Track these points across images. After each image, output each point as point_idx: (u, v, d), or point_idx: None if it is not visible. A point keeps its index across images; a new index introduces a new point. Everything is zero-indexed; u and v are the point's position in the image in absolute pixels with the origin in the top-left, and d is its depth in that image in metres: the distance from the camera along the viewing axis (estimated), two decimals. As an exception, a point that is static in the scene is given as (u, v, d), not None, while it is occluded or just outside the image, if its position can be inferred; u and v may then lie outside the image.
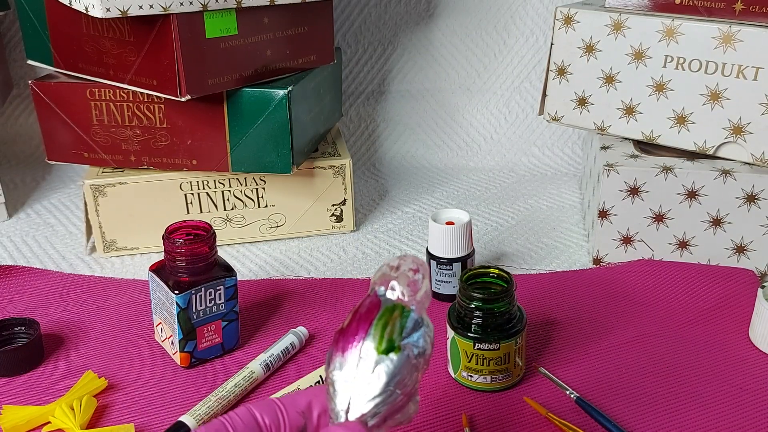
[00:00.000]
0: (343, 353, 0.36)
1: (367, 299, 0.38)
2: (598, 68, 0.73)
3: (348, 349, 0.36)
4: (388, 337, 0.36)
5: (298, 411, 0.38)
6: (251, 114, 0.69)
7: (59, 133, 0.73)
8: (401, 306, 0.38)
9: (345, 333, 0.37)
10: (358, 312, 0.38)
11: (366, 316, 0.37)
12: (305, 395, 0.39)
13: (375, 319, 0.37)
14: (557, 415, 0.51)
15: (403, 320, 0.37)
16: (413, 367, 0.37)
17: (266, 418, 0.37)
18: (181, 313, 0.54)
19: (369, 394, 0.35)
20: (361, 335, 0.37)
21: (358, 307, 0.38)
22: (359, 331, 0.37)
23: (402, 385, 0.36)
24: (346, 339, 0.37)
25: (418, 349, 0.37)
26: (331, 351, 0.37)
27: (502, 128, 1.00)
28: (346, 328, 0.37)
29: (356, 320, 0.37)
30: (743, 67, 0.65)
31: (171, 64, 0.63)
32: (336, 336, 0.38)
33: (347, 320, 0.38)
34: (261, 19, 0.69)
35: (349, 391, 0.36)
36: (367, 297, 0.39)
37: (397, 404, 0.36)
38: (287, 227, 0.78)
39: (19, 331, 0.59)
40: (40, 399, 0.54)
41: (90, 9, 0.60)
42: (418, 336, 0.37)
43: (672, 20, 0.67)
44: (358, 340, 0.36)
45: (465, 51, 0.99)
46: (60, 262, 0.74)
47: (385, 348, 0.36)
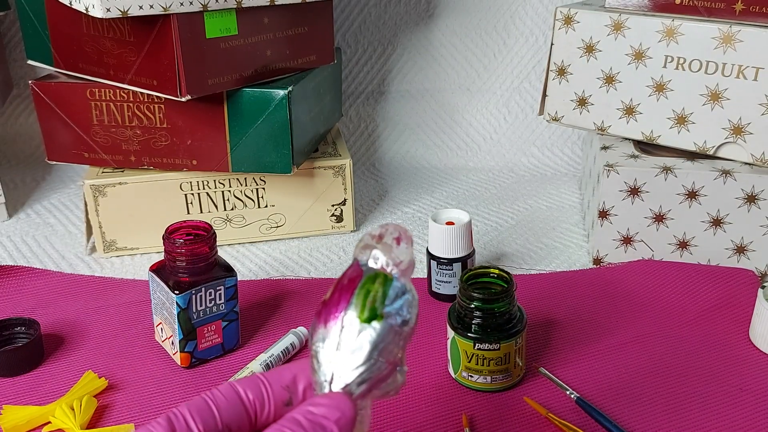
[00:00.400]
0: (325, 324, 0.36)
1: (349, 269, 0.38)
2: (598, 68, 0.73)
3: (330, 320, 0.36)
4: (370, 305, 0.36)
5: (282, 385, 0.37)
6: (251, 114, 0.69)
7: (59, 133, 0.73)
8: (383, 274, 0.37)
9: (327, 304, 0.37)
10: (340, 283, 0.37)
11: (348, 286, 0.37)
12: (290, 369, 0.38)
13: (357, 288, 0.36)
14: (557, 415, 0.51)
15: (386, 288, 0.37)
16: (397, 335, 0.36)
17: (250, 393, 0.36)
18: (182, 313, 0.54)
19: (352, 364, 0.35)
20: (343, 305, 0.36)
21: (340, 278, 0.38)
22: (341, 301, 0.36)
23: (386, 353, 0.36)
24: (329, 310, 0.36)
25: (402, 317, 0.36)
26: (314, 323, 0.37)
27: (502, 128, 1.00)
28: (329, 300, 0.37)
29: (338, 291, 0.37)
30: (743, 67, 0.65)
31: (171, 64, 0.63)
32: (318, 308, 0.37)
33: (329, 292, 0.37)
34: (261, 19, 0.69)
35: (333, 361, 0.35)
36: (349, 267, 0.38)
37: (382, 373, 0.36)
38: (287, 227, 0.78)
39: (19, 331, 0.59)
40: (41, 399, 0.54)
41: (90, 9, 0.60)
42: (401, 304, 0.37)
43: (672, 20, 0.67)
44: (341, 310, 0.36)
45: (465, 51, 0.99)
46: (60, 262, 0.74)
47: (368, 316, 0.36)
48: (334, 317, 0.36)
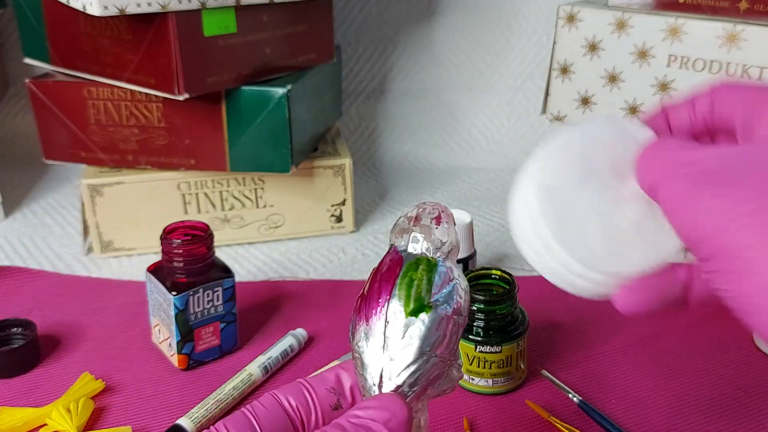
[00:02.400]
0: (367, 321, 0.32)
1: (387, 257, 0.34)
2: (601, 67, 0.72)
3: (372, 316, 0.32)
4: (415, 295, 0.32)
5: (327, 388, 0.34)
6: (250, 113, 0.69)
7: (56, 133, 0.72)
8: (426, 259, 0.33)
9: (367, 298, 0.33)
10: (378, 272, 0.34)
11: (388, 275, 0.33)
12: (333, 370, 0.35)
13: (398, 277, 0.33)
14: (560, 418, 0.50)
15: (431, 275, 0.33)
16: (450, 326, 0.32)
17: (292, 400, 0.34)
18: (179, 314, 0.54)
19: (402, 363, 0.31)
20: (385, 297, 0.32)
21: (378, 267, 0.34)
22: (382, 293, 0.32)
23: (439, 347, 0.32)
24: (369, 304, 0.33)
25: (452, 305, 0.33)
26: (354, 320, 0.33)
27: (504, 128, 0.99)
28: (368, 293, 0.33)
29: (378, 281, 0.33)
30: (747, 66, 0.64)
31: (169, 63, 0.63)
32: (357, 303, 0.33)
33: (368, 284, 0.34)
34: (260, 17, 0.68)
35: (380, 361, 0.32)
36: (387, 255, 0.34)
37: (435, 370, 0.32)
38: (286, 228, 0.78)
39: (16, 332, 0.59)
40: (37, 401, 0.53)
41: (88, 7, 0.59)
42: (450, 290, 0.33)
43: (676, 19, 0.67)
44: (383, 303, 0.32)
45: (467, 50, 0.98)
46: (57, 262, 0.74)
47: (414, 308, 0.32)
48: (375, 312, 0.32)
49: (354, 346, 0.33)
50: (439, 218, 0.35)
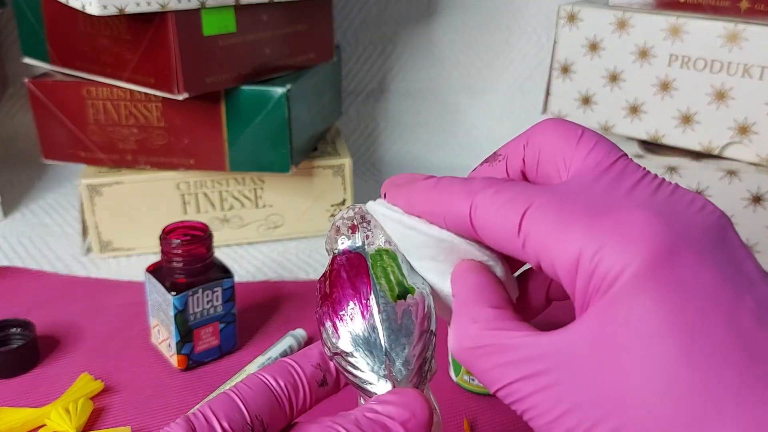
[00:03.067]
0: (351, 318, 0.32)
1: (339, 258, 0.34)
2: (602, 67, 0.72)
3: (354, 312, 0.32)
4: (396, 280, 0.32)
5: (312, 364, 0.33)
6: (249, 112, 0.68)
7: (55, 132, 0.72)
8: (386, 249, 0.34)
9: (335, 300, 0.32)
10: (339, 273, 0.33)
11: (356, 271, 0.33)
12: (315, 347, 0.34)
13: (370, 268, 0.33)
14: (561, 419, 0.50)
15: (397, 260, 0.33)
16: (431, 300, 0.33)
17: (279, 379, 0.33)
18: (179, 314, 0.54)
19: (409, 345, 0.31)
20: (365, 290, 0.32)
21: (332, 273, 0.34)
22: (359, 287, 0.32)
23: (431, 322, 0.32)
24: (343, 304, 0.32)
25: (426, 285, 0.33)
26: (328, 325, 0.32)
27: (505, 127, 0.99)
28: (334, 295, 0.33)
29: (346, 280, 0.33)
30: (749, 66, 0.64)
31: (168, 62, 0.63)
32: (322, 310, 0.33)
33: (327, 287, 0.33)
34: (260, 17, 0.68)
35: (382, 352, 0.31)
36: (336, 257, 0.34)
37: (432, 347, 0.32)
38: (286, 228, 0.77)
39: (15, 333, 0.58)
40: (36, 401, 0.53)
41: (87, 6, 0.59)
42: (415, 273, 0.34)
43: (677, 18, 0.67)
44: (365, 295, 0.32)
45: (467, 49, 0.98)
46: (56, 262, 0.73)
47: (400, 292, 0.32)
48: (359, 308, 0.32)
49: (337, 348, 0.32)
50: (354, 227, 0.35)
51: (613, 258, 0.24)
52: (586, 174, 0.28)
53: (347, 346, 0.32)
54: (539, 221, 0.26)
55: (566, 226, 0.25)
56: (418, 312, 0.32)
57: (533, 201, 0.27)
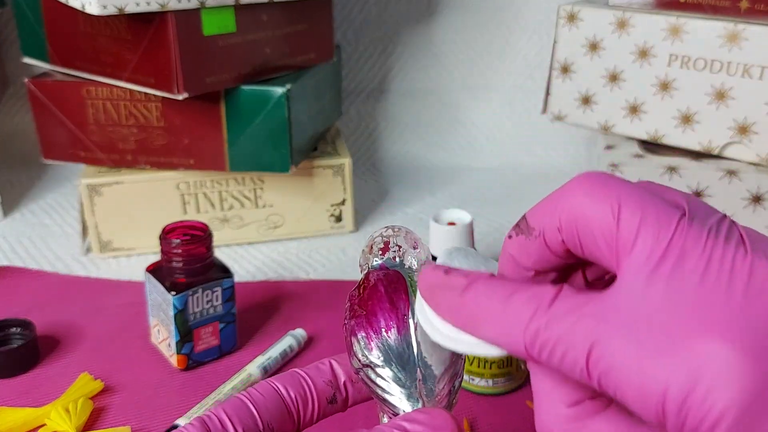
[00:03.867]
0: (387, 332, 0.32)
1: (377, 272, 0.34)
2: (602, 66, 0.72)
3: (391, 327, 0.32)
4: None
5: (324, 380, 0.34)
6: (249, 112, 0.68)
7: (55, 132, 0.72)
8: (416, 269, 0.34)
9: (372, 311, 0.32)
10: (375, 288, 0.33)
11: (393, 287, 0.33)
12: (327, 363, 0.35)
13: (408, 286, 0.33)
14: (561, 419, 0.50)
15: None
16: None
17: (291, 390, 0.33)
18: (178, 314, 0.54)
19: (442, 367, 0.31)
20: (402, 306, 0.32)
21: (369, 284, 0.33)
22: (398, 303, 0.32)
23: None
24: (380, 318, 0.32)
25: None
26: (361, 336, 0.32)
27: (505, 127, 0.99)
28: (372, 306, 0.32)
29: (384, 294, 0.33)
30: (749, 66, 0.64)
31: (168, 62, 0.63)
32: (357, 320, 0.33)
33: (362, 300, 0.33)
34: (260, 17, 0.68)
35: (411, 371, 0.31)
36: (371, 273, 0.34)
37: (462, 374, 0.33)
38: (285, 228, 0.77)
39: (15, 333, 0.58)
40: (36, 401, 0.53)
41: (87, 6, 0.59)
42: None
43: (677, 18, 0.67)
44: (403, 311, 0.32)
45: (467, 49, 0.98)
46: (56, 262, 0.73)
47: None
48: (395, 323, 0.32)
49: (368, 362, 0.32)
50: (385, 247, 0.35)
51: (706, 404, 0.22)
52: (638, 276, 0.24)
53: (379, 358, 0.32)
54: (608, 364, 0.23)
55: (641, 368, 0.23)
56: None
57: (595, 338, 0.23)
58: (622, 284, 0.24)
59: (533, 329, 0.25)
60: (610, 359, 0.23)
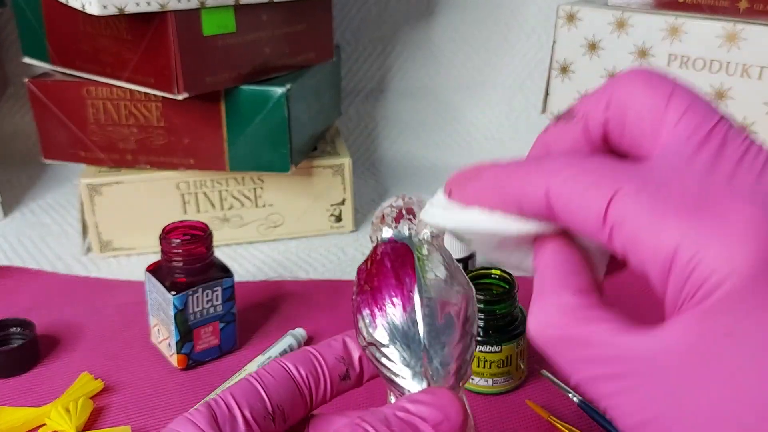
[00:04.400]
0: (392, 309, 0.30)
1: (385, 246, 0.33)
2: (601, 66, 0.72)
3: (395, 304, 0.31)
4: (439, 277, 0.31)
5: (336, 356, 0.33)
6: (249, 112, 0.68)
7: (55, 132, 0.72)
8: (429, 243, 0.33)
9: (377, 287, 0.31)
10: (382, 262, 0.32)
11: (400, 261, 0.32)
12: (340, 339, 0.34)
13: (416, 261, 0.31)
14: (560, 418, 0.50)
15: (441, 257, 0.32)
16: (474, 303, 0.32)
17: (301, 369, 0.32)
18: (178, 314, 0.54)
19: (450, 345, 0.30)
20: (408, 282, 0.31)
21: (376, 258, 0.32)
22: (403, 278, 0.31)
23: (473, 324, 0.31)
24: (384, 294, 0.31)
25: (471, 286, 0.32)
26: (366, 313, 0.31)
27: (504, 127, 0.99)
28: (378, 282, 0.31)
29: (390, 270, 0.31)
30: (748, 66, 0.64)
31: (168, 62, 0.63)
32: (363, 296, 0.32)
33: (369, 275, 0.32)
34: (259, 17, 0.68)
35: (416, 350, 0.30)
36: (381, 245, 0.33)
37: (470, 352, 0.31)
38: (285, 227, 0.78)
39: (15, 332, 0.58)
40: (36, 401, 0.53)
41: (87, 6, 0.59)
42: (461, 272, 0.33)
43: (676, 18, 0.67)
44: (408, 287, 0.31)
45: (466, 49, 0.98)
46: (56, 262, 0.73)
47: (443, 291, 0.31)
48: (400, 299, 0.31)
49: (373, 339, 0.31)
50: (399, 217, 0.34)
51: (716, 262, 0.21)
52: (679, 148, 0.24)
53: (384, 337, 0.31)
54: (628, 211, 0.23)
55: (660, 220, 0.22)
56: (461, 313, 0.31)
57: (620, 186, 0.23)
58: (660, 155, 0.24)
59: (560, 177, 0.25)
60: (631, 206, 0.23)
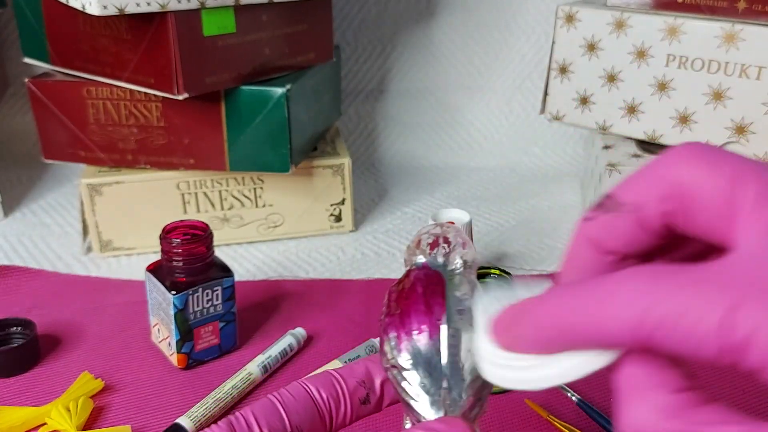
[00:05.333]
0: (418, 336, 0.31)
1: (419, 271, 0.33)
2: (600, 67, 0.72)
3: (422, 330, 0.31)
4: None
5: (357, 380, 0.33)
6: (249, 112, 0.69)
7: (56, 132, 0.72)
8: (460, 275, 0.33)
9: (406, 311, 0.31)
10: (414, 288, 0.32)
11: (432, 289, 0.32)
12: (362, 363, 0.34)
13: (447, 291, 0.32)
14: (558, 417, 0.51)
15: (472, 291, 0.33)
16: None
17: (322, 391, 0.33)
18: (179, 313, 0.54)
19: (469, 376, 0.30)
20: (437, 311, 0.31)
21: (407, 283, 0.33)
22: (433, 307, 0.31)
23: None
24: (413, 319, 0.31)
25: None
26: (392, 336, 0.31)
27: (503, 127, 0.99)
28: (408, 307, 0.32)
29: (420, 296, 0.32)
30: (746, 66, 0.64)
31: (168, 62, 0.63)
32: (391, 319, 0.32)
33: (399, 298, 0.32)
34: (259, 17, 0.68)
35: (437, 378, 0.30)
36: (415, 269, 0.33)
37: (488, 389, 0.31)
38: (285, 227, 0.78)
39: (15, 332, 0.59)
40: (36, 400, 0.53)
41: (87, 6, 0.59)
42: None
43: (674, 18, 0.67)
44: (437, 316, 0.31)
45: (465, 49, 0.98)
46: (56, 262, 0.74)
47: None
48: (427, 326, 0.31)
49: (396, 363, 0.31)
50: (435, 243, 0.34)
51: None
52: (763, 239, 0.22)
53: (407, 361, 0.31)
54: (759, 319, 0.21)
55: None
56: None
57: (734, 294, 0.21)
58: (746, 250, 0.22)
59: (642, 306, 0.22)
60: (757, 321, 0.21)
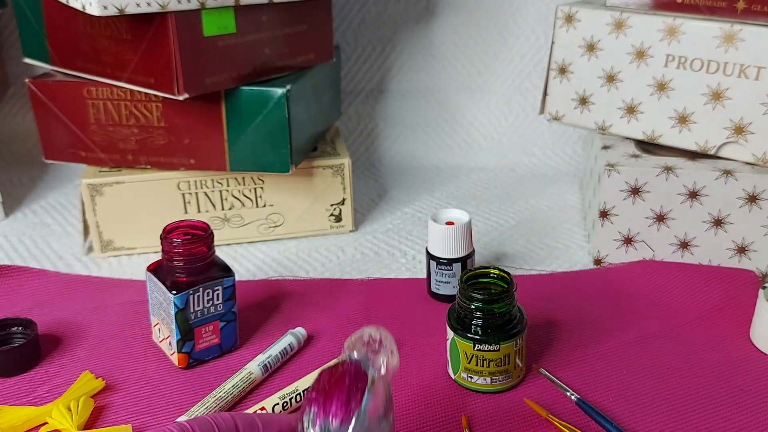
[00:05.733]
0: (333, 418, 0.39)
1: (351, 365, 0.41)
2: (599, 67, 0.72)
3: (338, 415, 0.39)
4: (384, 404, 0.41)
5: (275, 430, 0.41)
6: (249, 113, 0.69)
7: (56, 132, 0.73)
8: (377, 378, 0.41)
9: (330, 395, 0.39)
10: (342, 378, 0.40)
11: (356, 386, 0.40)
12: (287, 419, 0.41)
13: (366, 391, 0.40)
14: (558, 416, 0.51)
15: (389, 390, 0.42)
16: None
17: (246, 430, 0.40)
18: (179, 313, 0.54)
19: None
20: (353, 405, 0.39)
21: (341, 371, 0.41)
22: (351, 400, 0.40)
23: None
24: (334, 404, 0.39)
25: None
26: (312, 411, 0.39)
27: (503, 127, 0.99)
28: (333, 391, 0.40)
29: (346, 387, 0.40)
30: (745, 66, 0.64)
31: (168, 63, 0.63)
32: (317, 395, 0.40)
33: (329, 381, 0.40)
34: (259, 17, 0.68)
35: None
36: (348, 363, 0.41)
37: None
38: (286, 227, 0.78)
39: (16, 332, 0.59)
40: (37, 400, 0.54)
41: (87, 7, 0.59)
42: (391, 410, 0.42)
43: (674, 19, 0.67)
44: (354, 407, 0.39)
45: (465, 50, 0.99)
46: (57, 262, 0.74)
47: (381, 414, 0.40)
48: (345, 414, 0.39)
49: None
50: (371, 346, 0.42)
51: None
52: None
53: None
54: None
55: None
56: None
57: None
58: None
59: None
60: None
